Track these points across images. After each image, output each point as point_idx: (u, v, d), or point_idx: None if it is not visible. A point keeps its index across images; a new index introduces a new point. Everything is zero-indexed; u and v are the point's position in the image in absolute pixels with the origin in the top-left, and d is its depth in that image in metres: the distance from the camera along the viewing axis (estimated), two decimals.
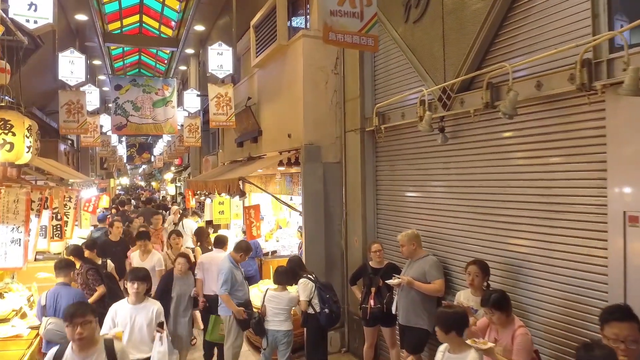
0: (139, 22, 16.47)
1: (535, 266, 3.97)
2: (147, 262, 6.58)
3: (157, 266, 6.58)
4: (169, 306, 5.49)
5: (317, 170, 6.54)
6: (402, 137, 5.74)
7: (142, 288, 4.37)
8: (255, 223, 6.55)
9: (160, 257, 6.75)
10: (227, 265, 5.72)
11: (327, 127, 6.71)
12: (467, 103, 4.55)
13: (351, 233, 6.52)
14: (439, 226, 5.17)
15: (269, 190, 9.99)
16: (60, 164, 9.68)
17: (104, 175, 29.61)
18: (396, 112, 5.66)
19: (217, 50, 8.85)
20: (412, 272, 5.03)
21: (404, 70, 5.67)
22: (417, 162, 5.50)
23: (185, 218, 10.79)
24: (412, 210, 5.62)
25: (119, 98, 14.04)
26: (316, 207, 6.53)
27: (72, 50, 8.96)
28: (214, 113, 8.72)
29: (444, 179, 5.09)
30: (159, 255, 6.81)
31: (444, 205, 5.08)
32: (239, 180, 6.43)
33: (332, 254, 6.67)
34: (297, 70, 6.82)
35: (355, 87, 6.36)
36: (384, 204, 6.19)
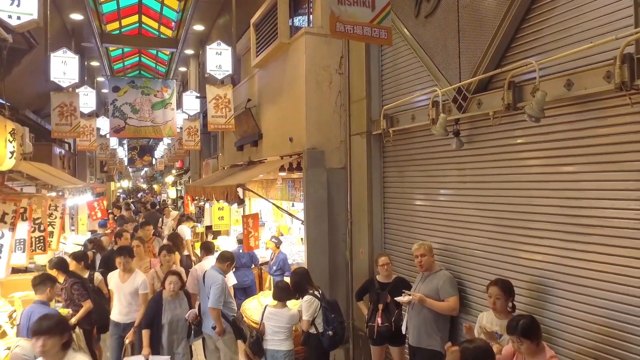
0: (138, 22, 16.11)
1: (565, 286, 3.55)
2: (129, 283, 5.61)
3: (141, 289, 5.58)
4: (161, 336, 4.99)
5: (320, 176, 6.14)
6: (412, 141, 5.33)
7: (50, 344, 3.01)
8: (253, 233, 6.15)
9: (144, 279, 5.69)
10: (221, 277, 5.34)
11: (331, 130, 6.31)
12: (486, 104, 4.14)
13: (357, 243, 6.11)
14: (453, 239, 4.75)
15: (270, 195, 9.60)
16: (53, 169, 9.32)
17: (104, 178, 29.34)
18: (406, 115, 5.26)
19: (216, 49, 8.47)
20: (424, 288, 4.63)
21: (414, 70, 5.27)
22: (429, 169, 5.09)
23: (180, 224, 10.40)
24: (423, 221, 5.21)
25: (117, 100, 13.69)
26: (319, 215, 6.13)
27: (64, 50, 8.58)
28: (212, 115, 8.33)
29: (459, 188, 4.67)
30: (142, 276, 5.73)
31: (459, 216, 4.67)
32: (237, 188, 6.03)
33: (336, 265, 6.26)
34: (299, 70, 6.43)
35: (361, 87, 5.96)
36: (392, 214, 5.78)
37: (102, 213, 11.28)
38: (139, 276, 5.66)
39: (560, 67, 3.54)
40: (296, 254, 9.12)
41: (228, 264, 5.49)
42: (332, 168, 6.26)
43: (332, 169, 6.26)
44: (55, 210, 6.04)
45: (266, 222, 10.94)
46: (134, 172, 53.27)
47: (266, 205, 10.27)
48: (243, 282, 8.01)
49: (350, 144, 6.19)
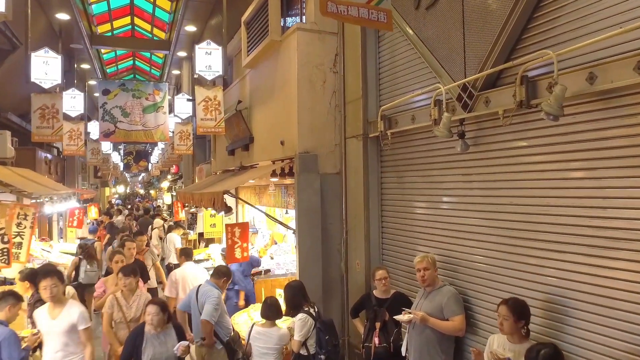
0: (130, 24, 15.73)
1: (588, 307, 3.11)
2: (61, 319, 4.18)
3: (81, 324, 4.21)
4: None
5: (313, 182, 5.71)
6: (413, 144, 4.91)
7: None
8: (240, 244, 5.70)
9: (82, 311, 4.28)
10: (217, 292, 4.91)
11: (324, 133, 5.89)
12: (494, 102, 3.72)
13: (352, 254, 5.67)
14: (458, 250, 4.32)
15: (263, 202, 9.17)
16: (35, 174, 8.87)
17: (98, 184, 28.87)
18: (405, 115, 4.84)
19: (206, 49, 8.06)
20: (426, 305, 4.19)
21: (414, 66, 4.86)
22: (431, 174, 4.67)
23: (169, 232, 9.95)
24: (425, 231, 4.77)
25: (106, 103, 13.29)
26: (312, 224, 5.69)
27: (46, 50, 8.16)
28: (201, 118, 7.91)
29: (465, 195, 4.24)
30: (78, 307, 4.32)
31: (465, 226, 4.23)
32: (223, 194, 5.60)
33: (330, 277, 5.82)
34: (291, 69, 6.02)
35: (357, 86, 5.54)
36: (390, 223, 5.35)
37: (78, 222, 10.85)
38: (74, 308, 4.26)
39: (580, 58, 3.13)
40: (290, 264, 8.67)
41: (224, 280, 5.06)
42: (326, 173, 5.84)
43: (326, 174, 5.83)
44: (24, 219, 5.59)
45: (260, 229, 10.50)
46: (132, 177, 52.81)
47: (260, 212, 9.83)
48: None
49: (346, 148, 5.77)
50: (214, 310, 4.75)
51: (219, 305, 4.86)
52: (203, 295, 4.90)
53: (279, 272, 8.35)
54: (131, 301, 4.97)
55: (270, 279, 8.07)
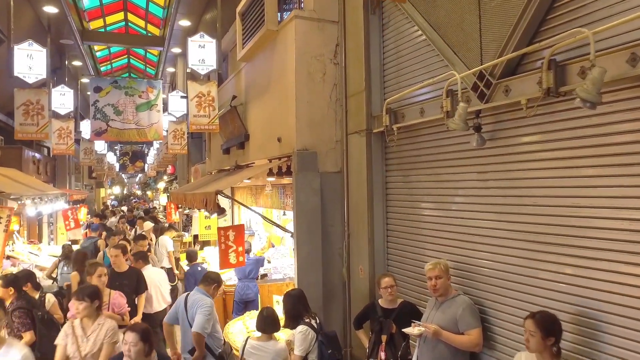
0: (124, 20, 15.31)
1: (630, 323, 2.71)
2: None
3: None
4: None
5: (312, 181, 5.30)
6: (421, 139, 4.51)
7: None
8: (235, 248, 5.29)
9: (25, 353, 3.35)
10: (209, 300, 4.49)
11: (324, 128, 5.48)
12: (515, 91, 3.33)
13: (355, 259, 5.27)
14: (474, 256, 3.92)
15: (260, 203, 8.76)
16: (20, 174, 8.44)
17: (93, 185, 28.41)
18: (413, 108, 4.44)
19: (199, 42, 7.65)
20: (439, 317, 3.79)
21: (423, 55, 4.46)
22: (442, 172, 4.27)
23: (161, 234, 9.51)
24: (435, 234, 4.37)
25: (98, 101, 12.81)
26: (311, 226, 5.28)
27: (30, 43, 7.73)
28: (194, 115, 7.50)
29: (480, 195, 3.84)
30: (20, 349, 3.36)
31: (481, 229, 3.83)
32: (216, 195, 5.19)
33: (331, 284, 5.41)
34: (288, 60, 5.61)
35: (360, 78, 5.14)
36: (396, 225, 4.94)
37: (75, 223, 10.44)
38: (14, 347, 3.35)
39: (619, 38, 2.73)
40: (288, 268, 8.27)
41: (215, 287, 4.63)
42: (327, 172, 5.43)
43: (326, 173, 5.43)
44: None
45: (256, 231, 10.10)
46: (129, 178, 52.35)
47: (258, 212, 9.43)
48: (246, 296, 7.09)
49: (347, 144, 5.37)
50: (206, 322, 4.34)
51: (212, 314, 4.45)
52: (193, 304, 4.49)
53: (277, 277, 7.96)
54: (89, 331, 3.94)
55: (267, 283, 7.69)
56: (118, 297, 5.04)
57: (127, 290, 5.52)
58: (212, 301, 4.51)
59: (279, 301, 6.63)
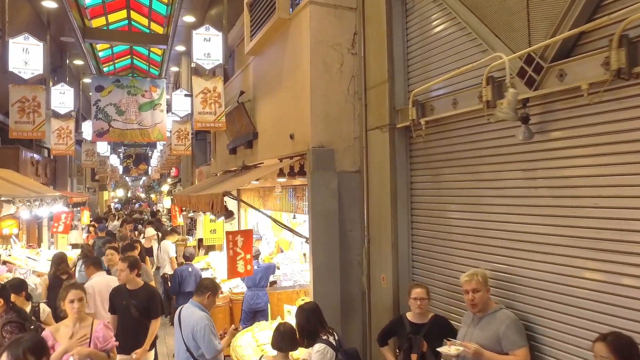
0: (126, 18, 14.94)
1: None
2: None
3: None
4: None
5: (329, 181, 4.84)
6: (453, 134, 4.05)
7: None
8: (243, 255, 4.83)
9: None
10: (204, 315, 4.02)
11: (342, 124, 5.03)
12: (574, 75, 2.86)
13: (376, 267, 4.80)
14: (517, 265, 3.44)
15: (268, 206, 8.31)
16: (16, 175, 8.03)
17: (96, 187, 28.04)
18: (444, 100, 3.98)
19: (204, 35, 7.22)
20: (478, 334, 3.33)
21: (455, 40, 4.00)
22: (477, 170, 3.80)
23: (163, 238, 9.08)
24: (468, 240, 3.90)
25: (100, 101, 12.41)
26: (328, 231, 4.82)
27: (26, 36, 7.31)
28: (199, 112, 7.06)
29: (526, 195, 3.37)
30: None
31: (527, 235, 3.36)
32: (223, 197, 4.74)
33: (349, 294, 4.94)
34: (302, 50, 5.17)
35: (381, 68, 4.69)
36: (422, 230, 4.48)
37: (64, 227, 10.03)
38: None
39: None
40: (298, 274, 7.82)
41: (209, 295, 4.15)
42: (344, 171, 4.97)
43: (344, 173, 4.97)
44: None
45: (264, 235, 9.64)
46: (133, 181, 52.06)
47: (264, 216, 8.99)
48: (256, 305, 6.62)
49: (367, 141, 4.91)
50: (211, 341, 3.89)
51: (213, 329, 3.99)
52: (186, 320, 4.03)
53: (287, 284, 7.50)
54: None
55: (277, 291, 7.22)
56: (103, 328, 3.86)
57: (134, 312, 4.76)
58: (206, 315, 4.04)
59: (290, 311, 6.17)
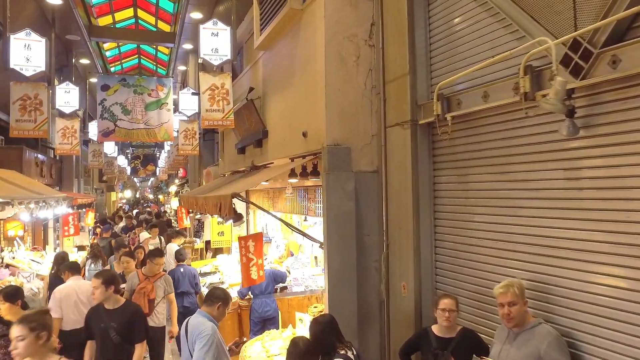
0: (133, 17, 14.72)
1: None
2: None
3: None
4: None
5: (346, 182, 4.51)
6: (483, 130, 3.70)
7: None
8: (255, 261, 4.51)
9: None
10: (210, 326, 3.67)
11: (359, 120, 4.70)
12: (629, 62, 2.52)
13: (395, 274, 4.46)
14: (558, 275, 3.10)
15: (278, 207, 8.01)
16: (18, 176, 7.78)
17: (104, 188, 27.89)
18: (472, 93, 3.64)
19: (212, 29, 6.93)
20: (514, 353, 3.00)
21: (485, 27, 3.66)
22: (512, 170, 3.45)
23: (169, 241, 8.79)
24: (500, 246, 3.55)
25: (105, 100, 12.17)
26: (344, 235, 4.49)
27: (28, 32, 7.05)
28: (206, 109, 6.76)
29: (569, 197, 3.03)
30: None
31: (569, 242, 3.01)
32: (232, 198, 4.43)
33: (366, 303, 4.61)
34: (316, 43, 4.85)
35: (402, 60, 4.35)
36: (447, 234, 4.13)
37: (75, 229, 9.83)
38: None
39: None
40: (309, 279, 7.49)
41: (220, 306, 3.81)
42: (361, 171, 4.64)
43: (361, 173, 4.64)
44: None
45: (273, 238, 9.34)
46: (141, 182, 52.07)
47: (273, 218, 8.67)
48: (265, 313, 6.31)
49: (386, 139, 4.57)
50: (205, 355, 3.54)
51: (213, 344, 3.62)
52: (194, 330, 3.71)
53: (298, 289, 7.18)
54: None
55: (288, 297, 6.89)
56: None
57: (114, 337, 4.14)
58: (214, 326, 3.69)
59: (302, 319, 5.85)
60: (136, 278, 5.86)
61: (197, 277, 7.71)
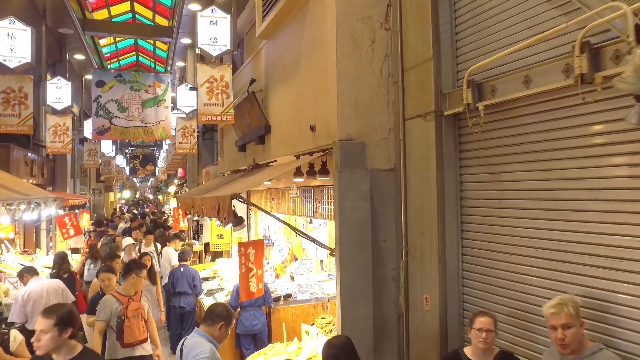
0: (130, 11, 14.24)
1: None
2: None
3: None
4: None
5: (360, 181, 4.00)
6: (523, 120, 3.20)
7: None
8: (254, 271, 3.98)
9: None
10: (209, 347, 3.17)
11: (374, 112, 4.20)
12: None
13: (416, 285, 3.96)
14: (620, 291, 2.60)
15: (281, 209, 7.51)
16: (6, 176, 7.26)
17: (102, 189, 27.37)
18: (510, 78, 3.13)
19: (210, 17, 6.43)
20: None
21: (524, 2, 3.16)
22: (559, 167, 2.95)
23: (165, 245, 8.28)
24: (544, 255, 3.05)
25: (100, 96, 11.70)
26: (359, 242, 3.98)
27: (11, 20, 6.54)
28: (204, 103, 6.27)
29: (636, 199, 2.52)
30: None
31: (632, 251, 2.51)
32: (231, 199, 3.92)
33: (382, 317, 4.10)
34: (326, 26, 4.35)
35: (424, 44, 3.85)
36: (477, 240, 3.62)
37: (75, 230, 9.33)
38: None
39: None
40: (315, 286, 6.98)
41: (222, 326, 3.29)
42: (376, 169, 4.14)
43: (376, 171, 4.13)
44: None
45: (275, 241, 8.83)
46: (141, 182, 51.60)
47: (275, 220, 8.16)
48: (252, 327, 5.87)
49: (405, 132, 4.07)
50: None
51: None
52: (190, 352, 3.21)
53: (303, 297, 6.66)
54: None
55: (292, 306, 6.37)
56: None
57: None
58: (213, 348, 3.19)
59: (309, 331, 5.36)
60: (114, 302, 4.47)
61: (197, 279, 7.27)
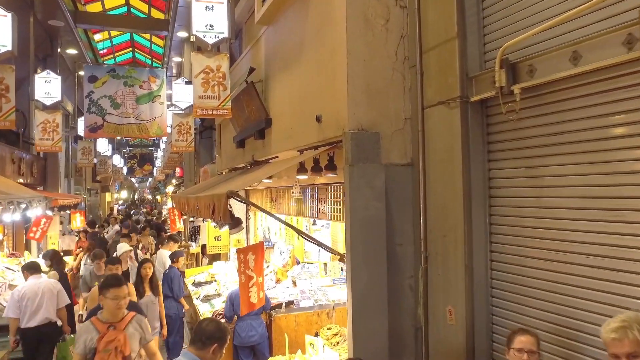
0: (125, 4, 13.78)
1: None
2: None
3: None
4: None
5: (374, 177, 3.54)
6: (569, 104, 2.73)
7: None
8: (255, 279, 3.50)
9: None
10: None
11: (388, 100, 3.74)
12: None
13: (438, 295, 3.50)
14: None
15: (282, 209, 7.05)
16: None
17: (98, 189, 26.87)
18: (554, 55, 2.67)
19: (206, 3, 5.99)
20: None
21: None
22: (615, 158, 2.49)
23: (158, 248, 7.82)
24: (595, 262, 2.59)
25: (93, 92, 11.24)
26: (372, 245, 3.52)
27: None
28: (199, 95, 5.79)
29: None
30: None
31: None
32: (227, 199, 3.46)
33: (398, 330, 3.64)
34: (334, 3, 3.89)
35: (446, 22, 3.39)
36: (509, 244, 3.16)
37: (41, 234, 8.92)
38: None
39: None
40: (318, 291, 6.53)
41: (215, 349, 2.81)
42: (392, 164, 3.68)
43: (392, 166, 3.67)
44: None
45: (276, 243, 8.37)
46: (140, 182, 51.11)
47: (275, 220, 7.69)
48: (249, 339, 5.43)
49: (424, 122, 3.60)
50: None
51: None
52: None
53: (306, 304, 6.20)
54: None
55: (294, 314, 5.90)
56: None
57: None
58: None
59: (314, 343, 4.90)
60: (91, 330, 3.56)
61: (177, 281, 6.83)
